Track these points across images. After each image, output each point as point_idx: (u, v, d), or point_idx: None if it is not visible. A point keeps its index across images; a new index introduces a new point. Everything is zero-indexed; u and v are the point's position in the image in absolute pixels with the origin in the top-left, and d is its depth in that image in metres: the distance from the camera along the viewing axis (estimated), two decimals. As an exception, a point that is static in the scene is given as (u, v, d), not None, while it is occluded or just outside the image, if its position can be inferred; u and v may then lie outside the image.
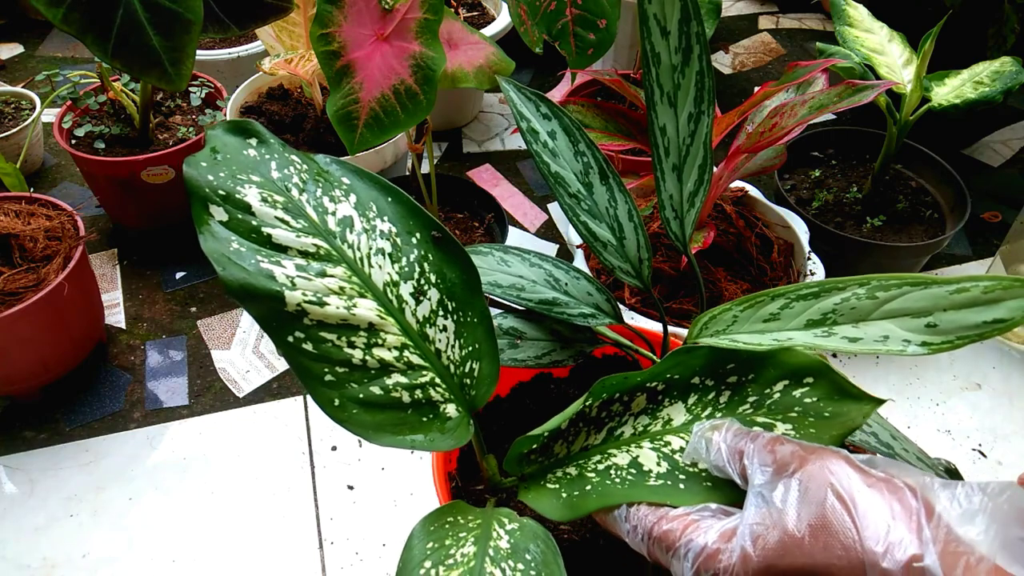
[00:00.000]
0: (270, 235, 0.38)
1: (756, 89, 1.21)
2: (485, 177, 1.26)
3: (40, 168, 1.24)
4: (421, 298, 0.42)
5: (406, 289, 0.41)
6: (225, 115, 1.06)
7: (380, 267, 0.41)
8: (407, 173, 1.10)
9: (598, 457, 0.42)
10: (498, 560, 0.37)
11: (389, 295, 0.41)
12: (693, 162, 0.50)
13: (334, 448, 0.86)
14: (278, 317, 0.37)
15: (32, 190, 0.97)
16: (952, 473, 0.46)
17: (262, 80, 1.13)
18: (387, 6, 0.74)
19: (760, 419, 0.40)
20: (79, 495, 0.81)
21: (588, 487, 0.41)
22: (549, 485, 0.43)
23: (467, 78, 0.84)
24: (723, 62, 1.56)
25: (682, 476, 0.39)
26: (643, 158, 0.98)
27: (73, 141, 1.03)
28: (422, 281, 0.42)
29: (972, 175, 1.25)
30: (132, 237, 1.12)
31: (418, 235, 0.42)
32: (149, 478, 0.83)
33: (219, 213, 0.38)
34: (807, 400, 0.39)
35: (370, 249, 0.41)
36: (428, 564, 0.37)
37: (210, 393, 0.92)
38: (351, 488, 0.82)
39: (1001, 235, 1.13)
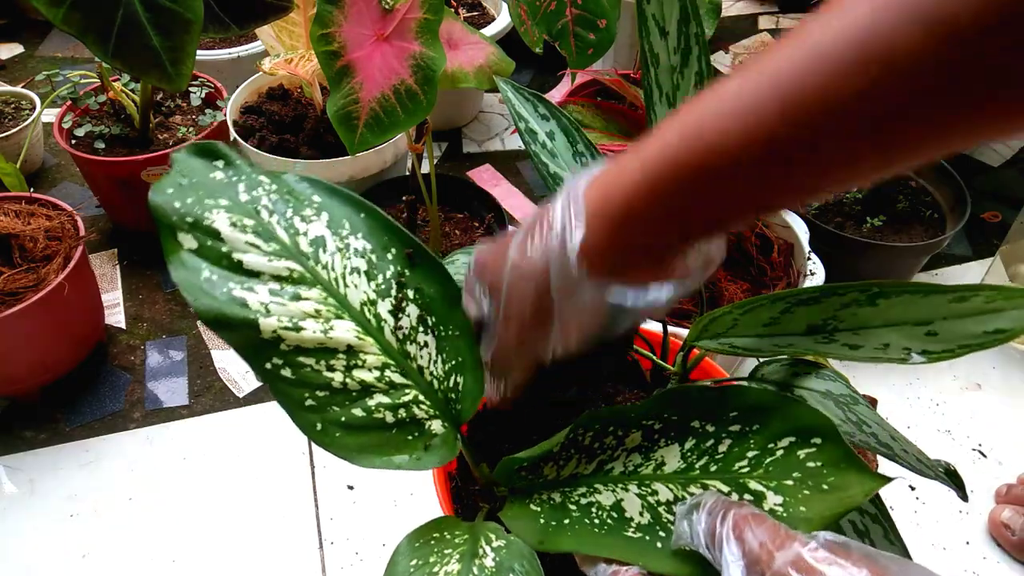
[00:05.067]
0: (241, 261, 0.37)
1: (756, 89, 1.21)
2: (485, 177, 1.26)
3: (40, 168, 1.24)
4: (400, 315, 0.41)
5: (384, 307, 0.40)
6: (225, 115, 1.06)
7: (356, 286, 0.40)
8: (407, 173, 1.09)
9: (583, 490, 0.41)
10: None
11: (367, 314, 0.40)
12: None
13: (334, 448, 0.86)
14: (254, 345, 0.37)
15: (32, 190, 0.97)
16: (952, 475, 0.46)
17: (262, 80, 1.13)
18: (387, 6, 0.74)
19: (752, 484, 0.37)
20: (79, 495, 0.81)
21: (567, 520, 0.40)
22: (533, 507, 0.42)
23: (467, 78, 0.84)
24: (723, 62, 1.56)
25: (662, 533, 0.38)
26: (643, 158, 0.98)
27: (73, 141, 1.03)
28: (400, 298, 0.41)
29: (972, 175, 1.25)
30: (132, 237, 1.12)
31: (393, 251, 0.41)
32: (149, 478, 0.83)
33: (188, 241, 0.37)
34: (810, 464, 0.36)
35: (345, 268, 0.40)
36: None
37: (210, 393, 0.92)
38: (351, 488, 0.82)
39: (1001, 235, 1.13)
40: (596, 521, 0.39)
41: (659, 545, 0.37)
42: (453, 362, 0.42)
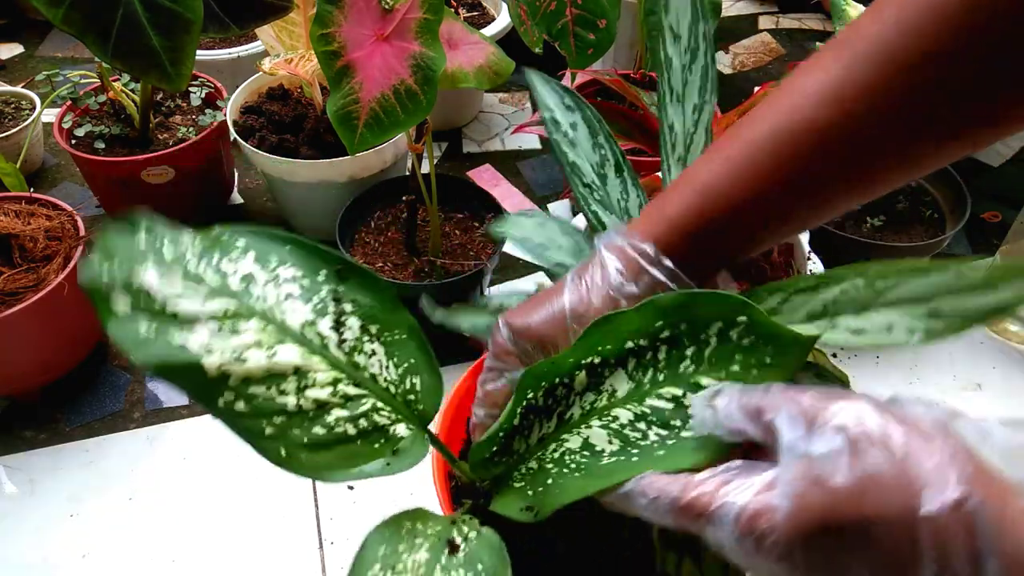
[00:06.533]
0: (175, 311, 0.38)
1: (756, 89, 1.21)
2: (485, 177, 1.26)
3: (40, 168, 1.24)
4: (342, 329, 0.41)
5: (325, 324, 0.41)
6: (225, 115, 1.06)
7: (293, 311, 0.41)
8: (407, 173, 1.10)
9: (553, 445, 0.42)
10: (449, 568, 0.38)
11: (308, 335, 0.41)
12: (696, 149, 0.51)
13: (334, 448, 0.86)
14: (202, 385, 0.37)
15: (32, 190, 0.97)
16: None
17: (262, 80, 1.13)
18: (387, 6, 0.74)
19: (704, 380, 0.38)
20: (79, 495, 0.81)
21: (549, 481, 0.41)
22: (516, 484, 0.42)
23: (467, 78, 0.84)
24: (723, 62, 1.56)
25: (634, 450, 0.38)
26: (643, 158, 0.98)
27: (73, 141, 1.04)
28: (338, 312, 0.41)
29: (972, 175, 1.25)
30: (132, 237, 1.12)
31: (324, 271, 0.42)
32: (149, 478, 0.83)
33: (122, 303, 0.37)
34: (745, 342, 0.37)
35: (279, 296, 0.41)
36: (377, 567, 0.37)
37: (210, 393, 0.92)
38: (351, 488, 0.82)
39: (1001, 235, 1.13)
40: (572, 467, 0.40)
41: (635, 460, 0.38)
42: (406, 365, 0.43)
